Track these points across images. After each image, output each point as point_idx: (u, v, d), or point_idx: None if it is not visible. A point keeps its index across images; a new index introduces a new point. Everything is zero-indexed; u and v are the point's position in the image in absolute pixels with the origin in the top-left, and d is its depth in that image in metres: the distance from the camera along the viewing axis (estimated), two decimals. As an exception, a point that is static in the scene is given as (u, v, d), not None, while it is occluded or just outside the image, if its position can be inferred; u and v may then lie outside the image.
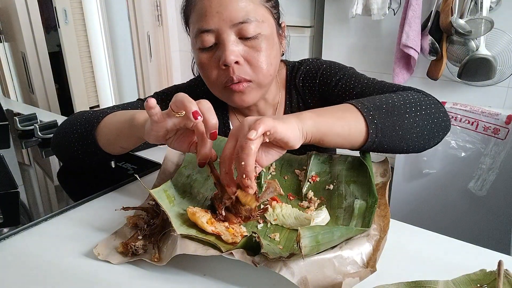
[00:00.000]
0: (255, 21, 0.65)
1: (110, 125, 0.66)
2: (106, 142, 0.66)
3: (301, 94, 0.80)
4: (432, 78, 1.87)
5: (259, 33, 0.66)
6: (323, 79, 0.77)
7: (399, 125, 0.58)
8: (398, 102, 0.60)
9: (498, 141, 1.54)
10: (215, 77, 0.69)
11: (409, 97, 0.62)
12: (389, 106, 0.59)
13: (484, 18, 1.59)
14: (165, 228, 0.52)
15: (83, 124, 0.69)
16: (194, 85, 0.85)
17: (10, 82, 1.93)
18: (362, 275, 0.42)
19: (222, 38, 0.65)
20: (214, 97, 0.81)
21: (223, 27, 0.65)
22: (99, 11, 2.40)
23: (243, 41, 0.66)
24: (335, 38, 2.22)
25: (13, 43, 1.90)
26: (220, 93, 0.72)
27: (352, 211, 0.54)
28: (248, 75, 0.68)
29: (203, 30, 0.66)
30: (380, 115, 0.57)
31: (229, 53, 0.64)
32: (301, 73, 0.80)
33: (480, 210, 1.63)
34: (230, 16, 0.64)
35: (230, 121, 0.83)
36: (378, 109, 0.58)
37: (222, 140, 0.69)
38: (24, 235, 0.56)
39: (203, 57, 0.68)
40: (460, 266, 0.46)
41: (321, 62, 0.80)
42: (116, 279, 0.46)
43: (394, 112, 0.58)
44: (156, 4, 2.34)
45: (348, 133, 0.56)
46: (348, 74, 0.75)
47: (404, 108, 0.60)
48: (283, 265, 0.42)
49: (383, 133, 0.57)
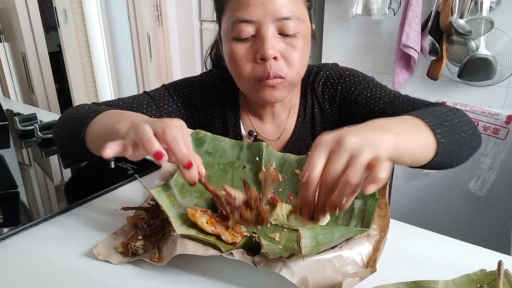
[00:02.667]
0: (297, 19, 0.65)
1: (96, 130, 0.60)
2: (93, 147, 0.61)
3: (319, 100, 0.79)
4: (432, 78, 1.87)
5: (299, 32, 0.66)
6: (346, 86, 0.76)
7: (459, 144, 0.57)
8: (452, 120, 0.58)
9: (498, 141, 1.54)
10: (248, 70, 0.67)
11: (458, 114, 0.61)
12: (449, 124, 0.56)
13: (484, 18, 1.59)
14: (165, 228, 0.52)
15: (75, 122, 0.64)
16: (206, 80, 0.83)
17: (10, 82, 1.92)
18: (362, 275, 0.42)
19: (263, 31, 0.64)
20: (226, 93, 0.80)
21: (265, 19, 0.63)
22: (99, 11, 2.40)
23: (282, 37, 0.66)
24: (335, 38, 2.22)
25: (13, 43, 1.90)
26: (250, 86, 0.70)
27: (352, 211, 0.54)
28: (282, 72, 0.67)
29: (243, 20, 0.64)
30: (446, 133, 0.54)
31: (269, 47, 0.63)
32: (320, 78, 0.79)
33: (480, 210, 1.63)
34: (274, 10, 0.63)
35: (241, 121, 0.82)
36: (442, 126, 0.54)
37: (222, 140, 0.69)
38: (24, 235, 0.56)
39: (237, 47, 0.67)
40: (460, 266, 0.46)
41: (342, 68, 0.79)
42: (116, 279, 0.46)
43: (455, 130, 0.57)
44: (156, 4, 2.34)
45: (422, 153, 0.52)
46: (373, 84, 0.74)
47: (459, 126, 0.58)
48: (283, 265, 0.42)
49: (447, 151, 0.54)
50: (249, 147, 0.68)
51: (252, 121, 0.81)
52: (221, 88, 0.81)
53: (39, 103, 1.92)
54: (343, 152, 0.41)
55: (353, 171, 0.39)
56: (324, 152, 0.42)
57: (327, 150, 0.42)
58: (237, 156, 0.68)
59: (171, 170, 0.66)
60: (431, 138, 0.52)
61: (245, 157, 0.67)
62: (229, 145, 0.69)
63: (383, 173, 0.38)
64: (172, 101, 0.78)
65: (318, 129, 0.80)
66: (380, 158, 0.39)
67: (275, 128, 0.82)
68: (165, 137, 0.45)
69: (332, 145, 0.42)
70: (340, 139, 0.41)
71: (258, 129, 0.81)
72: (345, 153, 0.41)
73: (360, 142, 0.41)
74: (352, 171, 0.39)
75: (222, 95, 0.82)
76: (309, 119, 0.80)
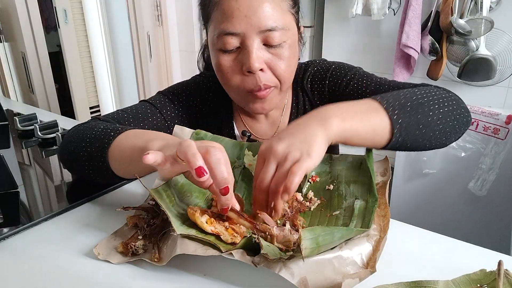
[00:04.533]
0: (282, 29, 0.64)
1: (122, 150, 0.57)
2: (119, 167, 0.59)
3: (309, 96, 0.80)
4: (432, 78, 1.87)
5: (284, 41, 0.65)
6: (333, 80, 0.76)
7: (423, 123, 0.57)
8: (421, 99, 0.59)
9: (498, 141, 1.54)
10: (237, 81, 0.68)
11: (431, 93, 0.61)
12: (413, 104, 0.58)
13: (484, 18, 1.59)
14: (165, 228, 0.52)
15: (93, 142, 0.61)
16: (200, 82, 0.83)
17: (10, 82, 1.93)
18: (362, 275, 0.42)
19: (247, 44, 0.64)
20: (220, 95, 0.80)
21: (249, 32, 0.63)
22: (99, 11, 2.40)
23: (267, 48, 0.65)
24: (335, 38, 2.22)
25: (13, 43, 1.90)
26: (241, 98, 0.71)
27: (352, 211, 0.54)
28: (271, 82, 0.67)
29: (227, 32, 0.64)
30: (405, 113, 0.56)
31: (254, 60, 0.63)
32: (309, 75, 0.79)
33: (480, 210, 1.63)
34: (258, 22, 0.62)
35: (234, 121, 0.82)
36: (403, 107, 0.56)
37: (222, 140, 0.69)
38: (24, 235, 0.56)
39: (224, 59, 0.67)
40: (460, 266, 0.46)
41: (329, 63, 0.80)
42: (116, 279, 0.46)
43: (418, 110, 0.57)
44: (156, 4, 2.34)
45: (373, 134, 0.55)
46: (359, 74, 0.74)
47: (427, 105, 0.58)
48: (283, 265, 0.42)
49: (407, 131, 0.56)
50: (250, 147, 0.68)
51: (245, 122, 0.82)
52: (215, 90, 0.82)
53: (39, 103, 1.92)
54: (270, 161, 0.49)
55: (275, 180, 0.48)
56: (261, 161, 0.51)
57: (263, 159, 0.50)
58: (237, 156, 0.68)
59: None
60: (385, 119, 0.55)
61: (246, 157, 0.67)
62: (229, 145, 0.69)
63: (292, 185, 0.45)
64: (173, 106, 0.78)
65: None
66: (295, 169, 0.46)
67: (268, 127, 0.82)
68: (209, 157, 0.45)
69: (265, 154, 0.50)
70: (270, 148, 0.50)
71: (252, 129, 0.81)
72: (272, 163, 0.49)
73: (285, 149, 0.49)
74: (275, 180, 0.48)
75: (217, 97, 0.82)
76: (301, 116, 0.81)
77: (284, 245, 0.46)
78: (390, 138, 0.55)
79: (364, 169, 0.60)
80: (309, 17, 2.28)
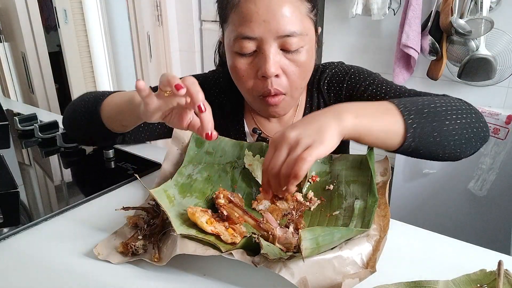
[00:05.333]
0: (300, 34, 0.63)
1: (112, 103, 0.71)
2: (108, 118, 0.71)
3: (325, 98, 0.79)
4: (432, 78, 1.87)
5: (302, 47, 0.65)
6: (351, 84, 0.76)
7: (438, 131, 0.56)
8: (440, 107, 0.58)
9: (498, 141, 1.54)
10: (250, 85, 0.68)
11: (451, 103, 0.60)
12: (431, 111, 0.57)
13: (484, 18, 1.59)
14: (165, 228, 0.52)
15: (91, 100, 0.75)
16: (210, 77, 0.83)
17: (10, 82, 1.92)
18: (361, 275, 0.42)
19: (265, 49, 0.63)
20: (229, 91, 0.81)
21: (267, 37, 0.62)
22: (99, 11, 2.40)
23: (284, 53, 0.65)
24: (335, 38, 2.22)
25: (13, 43, 1.90)
26: (253, 101, 0.71)
27: (352, 211, 0.54)
28: (283, 88, 0.67)
29: (245, 36, 0.63)
30: (420, 119, 0.55)
31: (270, 66, 0.63)
32: (326, 76, 0.79)
33: (480, 210, 1.63)
34: (277, 27, 0.61)
35: (245, 120, 0.82)
36: (419, 112, 0.56)
37: (222, 140, 0.69)
38: (24, 235, 0.56)
39: (240, 62, 0.66)
40: (460, 266, 0.46)
41: (347, 66, 0.79)
42: (116, 279, 0.46)
43: (435, 118, 0.56)
44: (156, 4, 2.33)
45: (386, 135, 0.54)
46: (378, 80, 0.74)
47: (445, 114, 0.58)
48: (283, 265, 0.42)
49: (421, 137, 0.55)
50: (250, 147, 0.68)
51: (256, 119, 0.81)
52: (224, 86, 0.81)
53: (39, 103, 1.92)
54: (282, 147, 0.49)
55: (286, 165, 0.48)
56: (273, 148, 0.51)
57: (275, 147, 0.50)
58: (237, 156, 0.68)
59: (171, 170, 0.66)
60: (400, 122, 0.54)
61: (246, 157, 0.67)
62: (229, 145, 0.69)
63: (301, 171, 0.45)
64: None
65: None
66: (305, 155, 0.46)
67: (280, 126, 0.81)
68: (184, 80, 0.51)
69: (277, 141, 0.50)
70: (282, 135, 0.50)
71: (263, 127, 0.81)
72: (284, 148, 0.49)
73: (297, 136, 0.49)
74: (285, 165, 0.48)
75: (225, 93, 0.82)
76: None
77: (285, 246, 0.46)
78: (402, 142, 0.55)
79: (364, 169, 0.60)
80: (309, 17, 2.28)
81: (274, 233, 0.46)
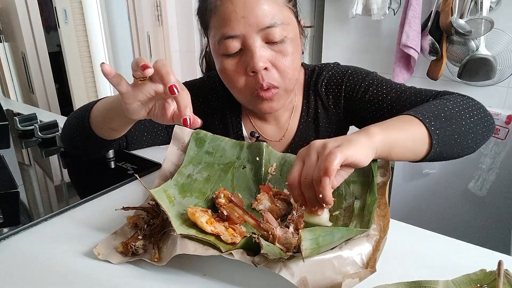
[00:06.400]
0: (281, 24, 0.64)
1: (100, 108, 0.68)
2: (97, 124, 0.68)
3: (323, 100, 0.79)
4: (432, 78, 1.87)
5: (285, 36, 0.65)
6: (350, 85, 0.76)
7: (458, 132, 0.58)
8: (453, 109, 0.60)
9: (498, 141, 1.54)
10: (242, 84, 0.68)
11: (460, 103, 0.62)
12: (446, 114, 0.58)
13: (484, 18, 1.59)
14: (165, 228, 0.52)
15: (82, 109, 0.72)
16: (206, 81, 0.83)
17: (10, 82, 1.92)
18: (361, 275, 0.42)
19: (249, 44, 0.63)
20: (226, 96, 0.80)
21: (249, 32, 0.63)
22: (99, 11, 2.40)
23: (270, 45, 0.65)
24: (335, 38, 2.22)
25: (13, 43, 1.90)
26: (247, 100, 0.71)
27: (352, 211, 0.54)
28: (275, 81, 0.67)
29: (228, 36, 0.64)
30: (441, 124, 0.57)
31: (258, 60, 0.63)
32: (323, 78, 0.78)
33: (480, 210, 1.63)
34: (256, 21, 0.62)
35: (243, 123, 0.82)
36: (437, 118, 0.57)
37: (222, 140, 0.69)
38: (24, 235, 0.56)
39: (228, 63, 0.67)
40: (460, 266, 0.46)
41: (344, 67, 0.79)
42: (116, 279, 0.46)
43: (452, 120, 0.58)
44: (156, 4, 2.33)
45: (413, 145, 0.55)
46: (377, 80, 0.74)
47: (459, 115, 0.60)
48: (283, 265, 0.42)
49: (444, 141, 0.57)
50: (250, 147, 0.68)
51: (253, 123, 0.81)
52: (221, 91, 0.81)
53: (39, 103, 1.92)
54: (310, 154, 0.49)
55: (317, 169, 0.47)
56: (300, 159, 0.50)
57: (303, 158, 0.50)
58: (237, 156, 0.68)
59: (171, 170, 0.66)
60: (423, 129, 0.55)
61: (245, 157, 0.67)
62: (229, 145, 0.69)
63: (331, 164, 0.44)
64: None
65: (322, 129, 0.80)
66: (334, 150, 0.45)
67: (277, 129, 0.82)
68: (155, 64, 0.51)
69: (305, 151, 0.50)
70: (309, 145, 0.50)
71: (260, 130, 0.81)
72: (312, 154, 0.49)
73: (324, 142, 0.49)
74: (317, 169, 0.47)
75: (223, 98, 0.82)
76: (312, 120, 0.80)
77: (285, 246, 0.46)
78: (429, 149, 0.56)
79: (364, 169, 0.60)
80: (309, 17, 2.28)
81: (274, 233, 0.46)
